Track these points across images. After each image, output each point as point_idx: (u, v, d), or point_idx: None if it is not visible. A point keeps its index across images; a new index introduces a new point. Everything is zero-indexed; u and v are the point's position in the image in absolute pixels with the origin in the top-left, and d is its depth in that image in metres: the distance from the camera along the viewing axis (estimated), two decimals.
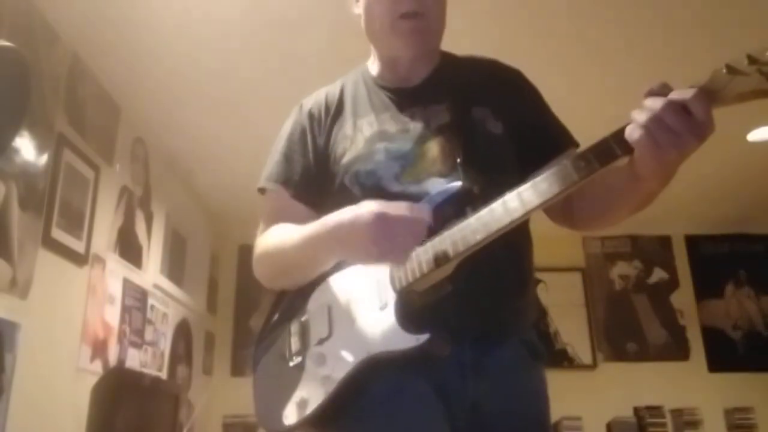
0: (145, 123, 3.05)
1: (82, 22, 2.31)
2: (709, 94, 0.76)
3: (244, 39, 2.47)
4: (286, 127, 1.22)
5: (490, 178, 1.02)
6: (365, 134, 1.11)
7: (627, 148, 0.80)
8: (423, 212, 0.91)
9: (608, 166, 0.81)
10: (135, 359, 2.92)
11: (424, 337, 0.89)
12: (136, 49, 2.50)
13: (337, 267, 1.04)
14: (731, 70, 0.74)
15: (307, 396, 0.97)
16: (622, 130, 0.81)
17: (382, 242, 0.88)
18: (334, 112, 1.17)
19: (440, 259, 0.91)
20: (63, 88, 2.38)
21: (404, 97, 1.15)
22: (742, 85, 0.74)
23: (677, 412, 4.11)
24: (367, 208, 0.91)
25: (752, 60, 0.73)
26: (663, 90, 0.79)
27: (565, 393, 3.84)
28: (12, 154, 2.02)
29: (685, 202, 4.03)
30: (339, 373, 0.95)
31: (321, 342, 1.00)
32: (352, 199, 1.04)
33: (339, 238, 0.94)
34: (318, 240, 0.98)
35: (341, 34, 1.23)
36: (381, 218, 0.89)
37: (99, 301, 2.58)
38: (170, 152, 3.37)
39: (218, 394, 3.97)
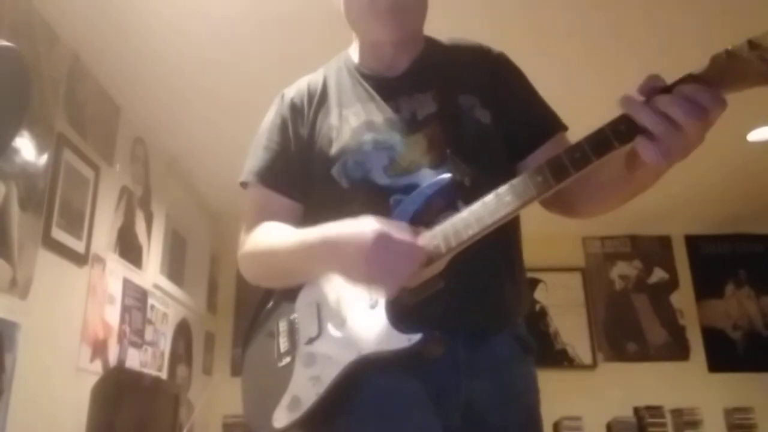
0: (145, 123, 3.05)
1: (82, 22, 2.31)
2: (707, 83, 0.73)
3: (244, 39, 2.48)
4: (268, 118, 1.18)
5: (480, 169, 1.01)
6: (352, 125, 1.08)
7: (624, 139, 0.78)
8: (421, 250, 0.87)
9: (604, 158, 0.79)
10: (135, 359, 2.92)
11: (416, 337, 0.87)
12: (136, 49, 2.50)
13: None
14: (731, 56, 0.72)
15: (297, 397, 0.95)
16: (619, 120, 0.78)
17: (376, 265, 0.85)
18: (318, 101, 1.14)
19: (432, 255, 0.88)
20: (63, 88, 2.38)
21: (389, 86, 1.11)
22: (742, 71, 0.72)
23: (677, 412, 4.10)
24: (368, 226, 0.87)
25: (753, 46, 0.71)
26: (655, 83, 0.76)
27: (565, 393, 3.89)
28: (12, 154, 2.02)
29: (685, 202, 4.03)
30: (329, 374, 0.93)
31: (310, 341, 0.98)
32: (339, 192, 1.03)
33: (336, 253, 0.90)
34: (314, 250, 0.94)
35: (344, 33, 1.22)
36: (382, 239, 0.85)
37: (99, 301, 2.58)
38: (170, 152, 3.37)
39: (218, 394, 3.98)
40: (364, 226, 0.87)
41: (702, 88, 0.73)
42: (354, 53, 1.20)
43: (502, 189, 0.86)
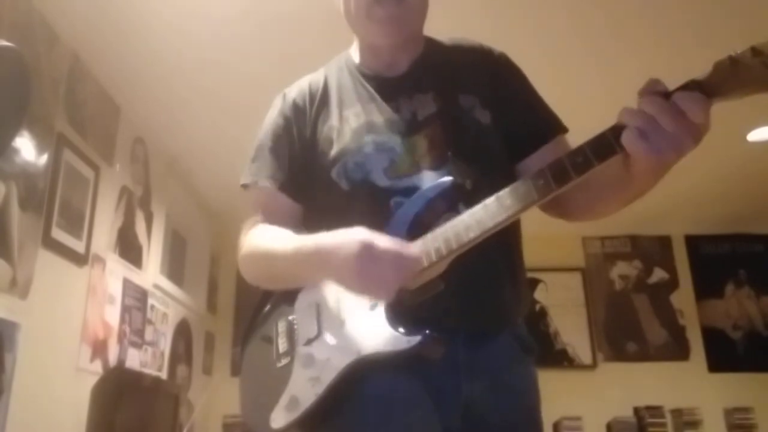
0: (145, 123, 3.05)
1: (82, 22, 2.31)
2: (710, 89, 0.74)
3: (244, 38, 2.48)
4: (270, 118, 1.17)
5: (481, 172, 1.00)
6: (352, 126, 1.07)
7: None
8: (413, 255, 0.87)
9: (605, 163, 0.80)
10: (135, 359, 2.92)
11: (416, 339, 0.87)
12: (136, 49, 2.50)
13: None
14: (734, 62, 0.72)
15: (296, 398, 0.95)
16: (621, 126, 0.78)
17: (364, 275, 0.86)
18: (319, 102, 1.13)
19: (433, 257, 0.88)
20: (63, 88, 2.37)
21: (389, 86, 1.11)
22: (745, 78, 0.72)
23: (677, 412, 4.11)
24: (357, 237, 0.87)
25: (757, 52, 0.71)
26: (655, 87, 0.77)
27: (565, 393, 3.89)
28: (12, 154, 2.02)
29: (685, 202, 4.03)
30: (328, 375, 0.92)
31: (309, 342, 0.98)
32: (340, 193, 1.03)
33: (327, 263, 0.91)
34: (309, 259, 0.95)
35: (344, 33, 1.22)
36: (367, 250, 0.86)
37: (99, 301, 2.58)
38: (170, 152, 3.37)
39: (218, 394, 3.98)
40: (352, 236, 0.88)
41: (687, 97, 0.73)
42: (354, 53, 1.19)
43: (504, 192, 0.86)
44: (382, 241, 0.87)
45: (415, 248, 0.90)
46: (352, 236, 0.88)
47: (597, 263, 4.67)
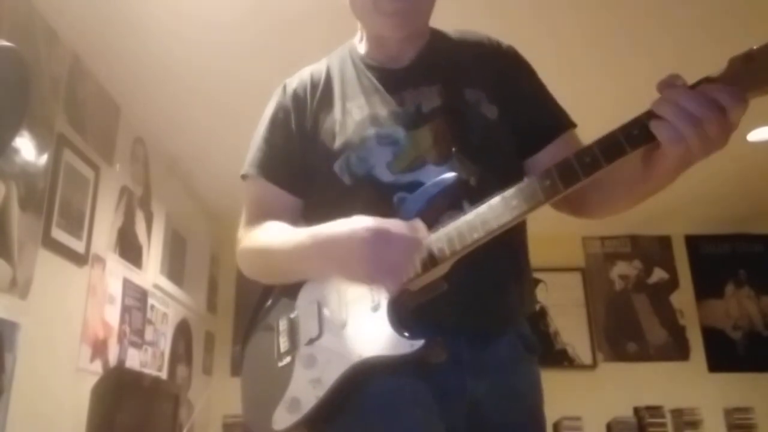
0: (145, 123, 3.05)
1: (82, 22, 2.31)
2: (726, 85, 0.72)
3: (244, 39, 2.47)
4: (269, 109, 1.15)
5: (486, 167, 0.99)
6: (355, 118, 1.05)
7: (636, 144, 0.76)
8: (420, 232, 0.86)
9: (614, 164, 0.78)
10: (135, 359, 2.92)
11: (418, 343, 0.85)
12: (136, 49, 2.50)
13: None
14: (750, 58, 0.70)
15: (297, 399, 0.93)
16: (632, 124, 0.77)
17: (377, 262, 0.84)
18: (321, 93, 1.11)
19: (436, 258, 0.87)
20: (63, 88, 2.37)
21: (394, 78, 1.09)
22: (762, 75, 0.70)
23: (677, 412, 4.10)
24: (364, 224, 0.85)
25: None
26: (674, 82, 0.75)
27: (565, 393, 3.89)
28: (12, 154, 2.02)
29: (685, 202, 4.03)
30: (330, 377, 0.91)
31: (311, 342, 0.96)
32: (341, 188, 1.01)
33: (329, 255, 0.89)
34: (307, 252, 0.93)
35: (343, 34, 1.22)
36: (380, 237, 0.84)
37: (99, 301, 2.58)
38: (170, 152, 3.37)
39: (218, 394, 3.98)
40: (358, 224, 0.86)
41: (720, 87, 0.71)
42: (359, 43, 1.17)
43: (509, 192, 0.84)
44: (391, 226, 0.85)
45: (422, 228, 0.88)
46: (358, 225, 0.86)
47: (597, 263, 4.66)
